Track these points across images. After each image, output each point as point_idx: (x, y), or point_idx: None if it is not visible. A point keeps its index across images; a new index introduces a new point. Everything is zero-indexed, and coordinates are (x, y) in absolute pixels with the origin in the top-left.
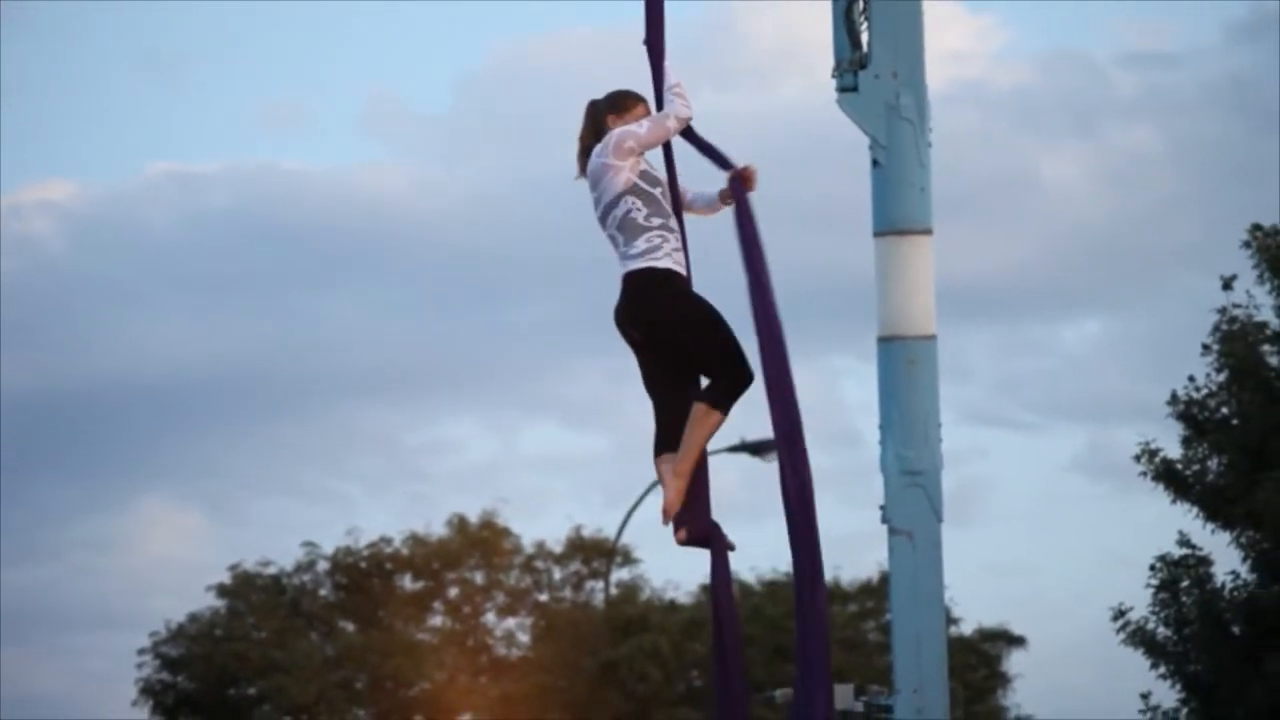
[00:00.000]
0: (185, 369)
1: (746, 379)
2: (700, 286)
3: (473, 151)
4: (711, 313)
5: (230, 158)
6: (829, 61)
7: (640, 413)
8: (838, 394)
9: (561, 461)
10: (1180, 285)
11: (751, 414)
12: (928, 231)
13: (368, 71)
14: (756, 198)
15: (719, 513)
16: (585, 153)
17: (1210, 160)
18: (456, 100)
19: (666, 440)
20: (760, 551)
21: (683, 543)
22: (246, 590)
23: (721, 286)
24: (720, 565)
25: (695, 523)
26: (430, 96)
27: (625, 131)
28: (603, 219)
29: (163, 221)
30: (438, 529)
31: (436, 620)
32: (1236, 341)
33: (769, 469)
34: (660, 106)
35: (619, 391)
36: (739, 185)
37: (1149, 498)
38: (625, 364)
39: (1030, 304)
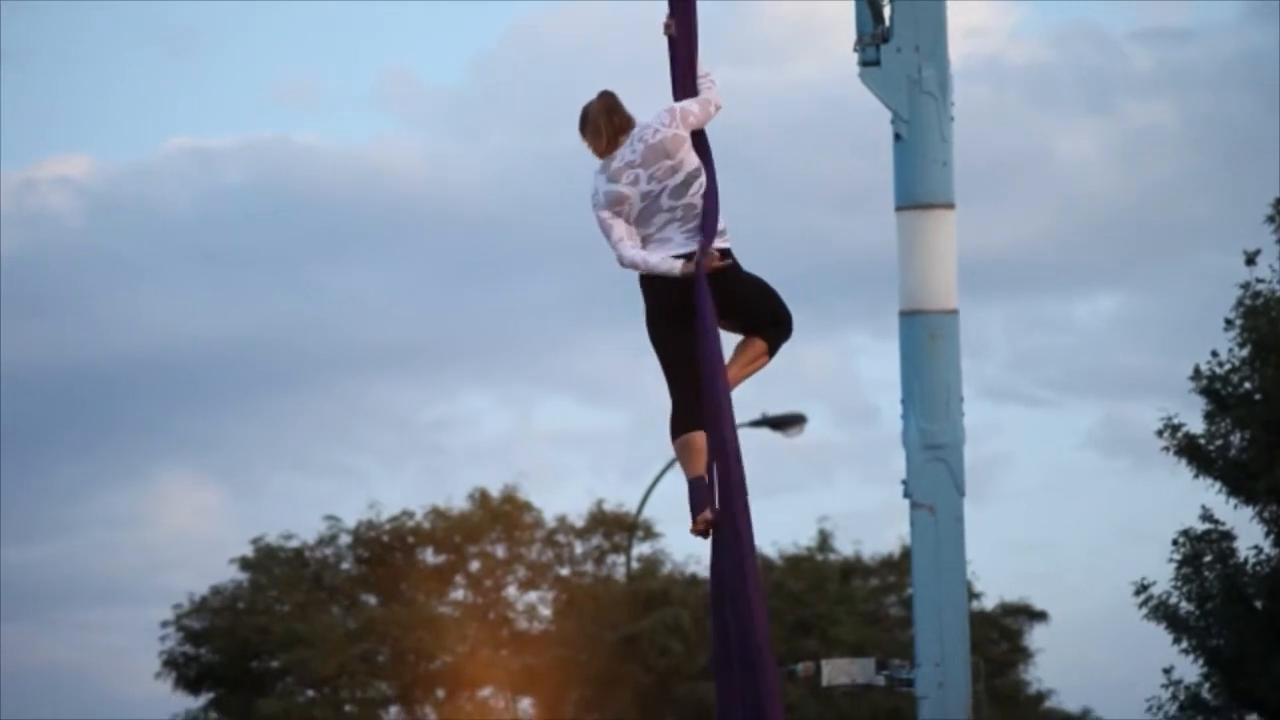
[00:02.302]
0: (201, 344)
1: (792, 331)
2: None
3: (487, 126)
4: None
5: (246, 132)
6: (848, 36)
7: (657, 387)
8: (854, 370)
9: (578, 436)
10: (1195, 261)
11: (772, 389)
12: (950, 206)
13: (382, 46)
14: (772, 173)
15: None
16: (620, 132)
17: (1226, 136)
18: (471, 75)
19: (686, 421)
20: (781, 526)
21: (704, 528)
22: (269, 563)
23: None
24: (730, 541)
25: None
26: (445, 71)
27: (684, 108)
28: (680, 189)
29: (179, 196)
30: (459, 503)
31: (458, 594)
32: (1260, 316)
33: (789, 444)
34: (676, 89)
35: (635, 366)
36: (700, 264)
37: (1166, 473)
38: (641, 339)
39: (1046, 280)
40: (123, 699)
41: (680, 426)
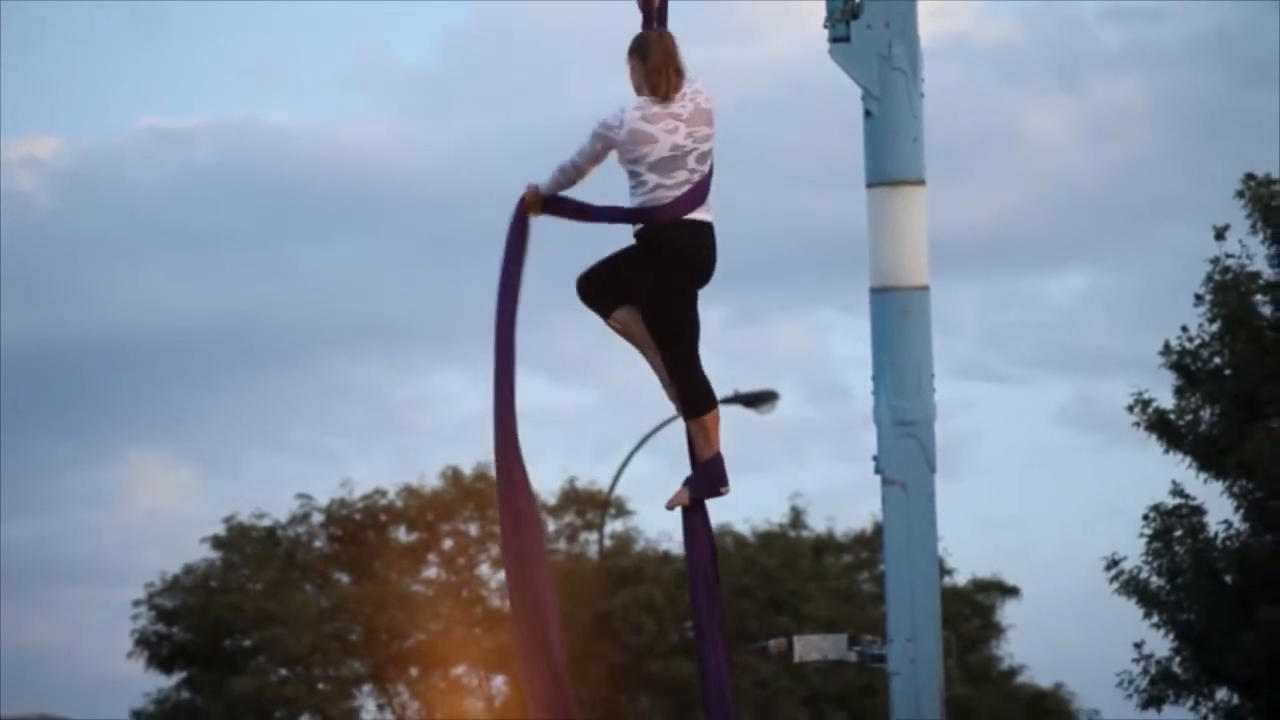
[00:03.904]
0: (173, 323)
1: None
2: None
3: (459, 105)
4: None
5: (215, 112)
6: (818, 13)
7: (629, 366)
8: (826, 347)
9: (550, 415)
10: (1164, 238)
11: (743, 366)
12: (920, 182)
13: (353, 25)
14: (746, 148)
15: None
16: (678, 85)
17: (1194, 113)
18: (441, 53)
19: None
20: (754, 504)
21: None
22: (241, 542)
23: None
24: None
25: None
26: (416, 50)
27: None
28: (705, 157)
29: (148, 177)
30: (432, 481)
31: (431, 572)
32: (1229, 292)
33: (762, 420)
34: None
35: (607, 345)
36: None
37: (1137, 449)
38: None
39: (1015, 258)
40: (95, 678)
41: (712, 398)
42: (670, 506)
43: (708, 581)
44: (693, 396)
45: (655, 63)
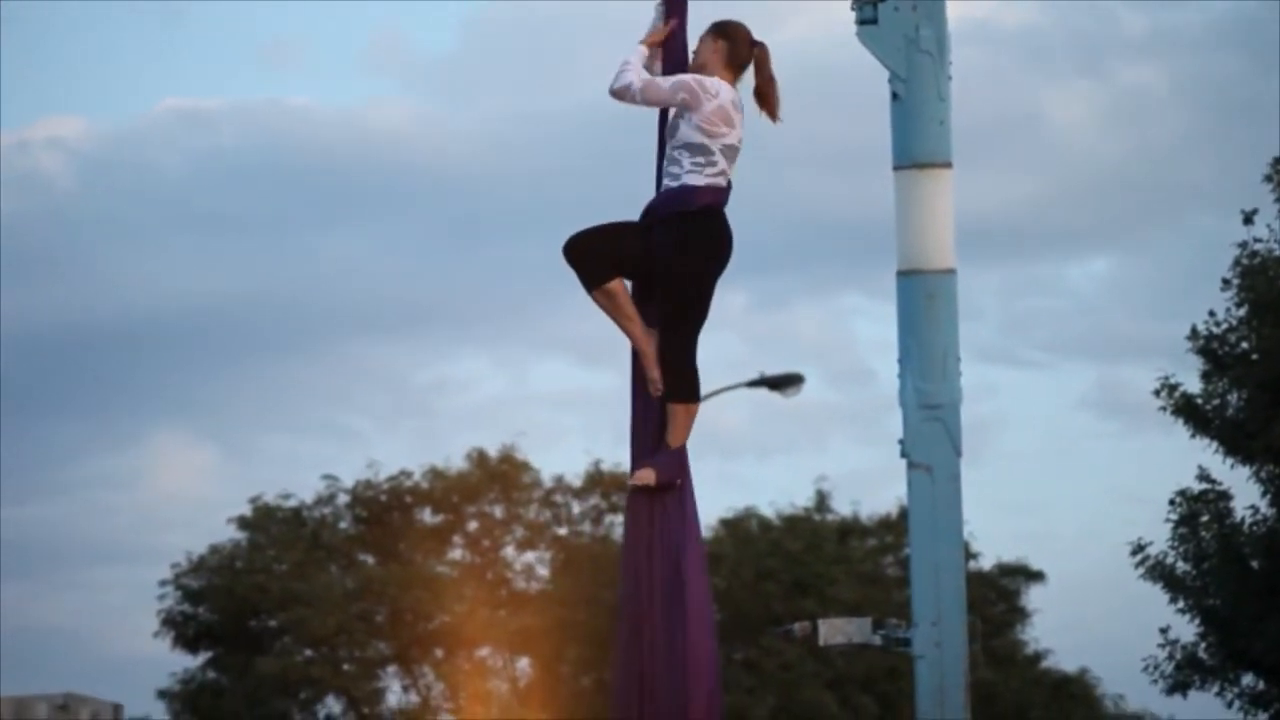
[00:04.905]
0: (194, 306)
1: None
2: None
3: (479, 88)
4: None
5: (238, 94)
6: None
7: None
8: (851, 331)
9: (574, 397)
10: (1187, 223)
11: (768, 350)
12: (948, 165)
13: (374, 8)
14: (768, 133)
15: (736, 447)
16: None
17: (1217, 98)
18: (463, 36)
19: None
20: (779, 487)
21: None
22: (267, 523)
23: None
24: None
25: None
26: (436, 33)
27: None
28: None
29: (171, 158)
30: (457, 463)
31: (456, 553)
32: (1258, 276)
33: (787, 404)
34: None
35: None
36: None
37: (1160, 434)
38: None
39: (1038, 243)
40: (121, 658)
41: (698, 389)
42: (638, 484)
43: (677, 564)
44: (685, 380)
45: (769, 73)
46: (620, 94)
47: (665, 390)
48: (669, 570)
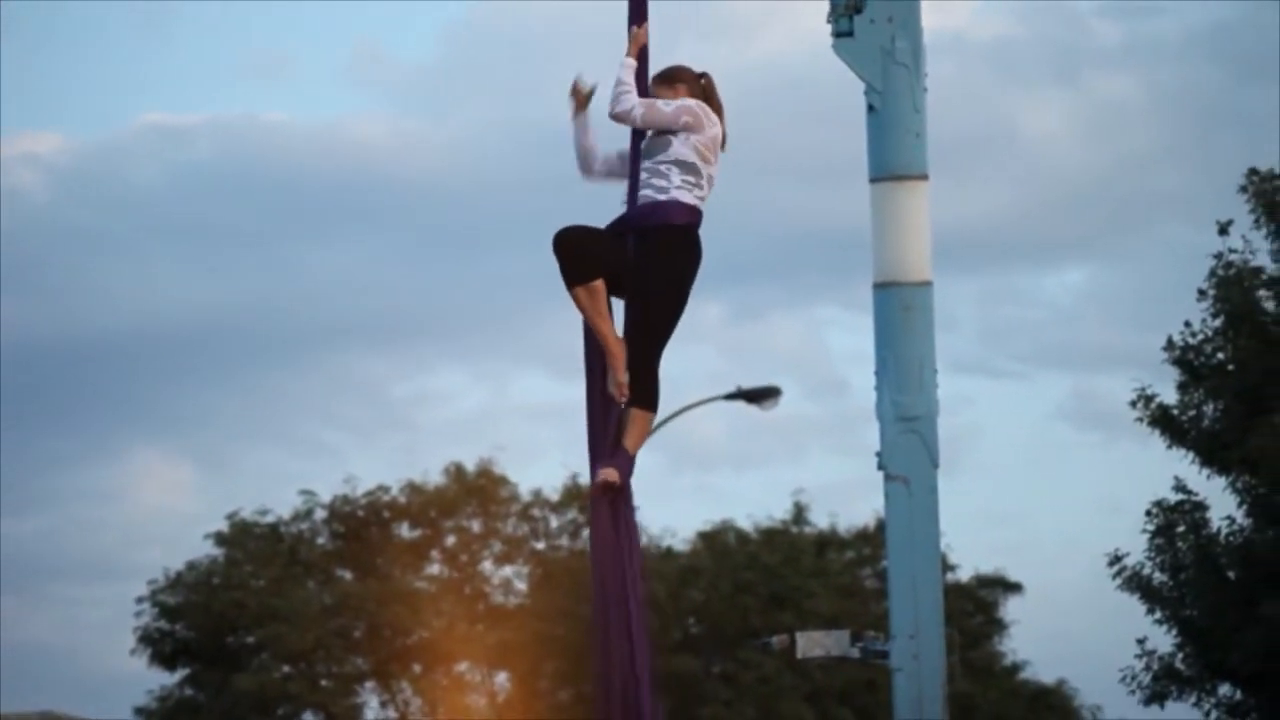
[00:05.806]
0: (173, 320)
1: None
2: None
3: (459, 101)
4: None
5: (215, 109)
6: (816, 9)
7: None
8: (826, 343)
9: (552, 410)
10: (1162, 233)
11: (743, 362)
12: (924, 177)
13: (353, 21)
14: (745, 145)
15: (713, 460)
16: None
17: (1192, 109)
18: (440, 49)
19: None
20: (756, 500)
21: (607, 487)
22: (244, 539)
23: None
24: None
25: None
26: (416, 46)
27: None
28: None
29: (149, 173)
30: (434, 477)
31: (434, 568)
32: (1233, 287)
33: (764, 416)
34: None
35: None
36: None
37: (1137, 445)
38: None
39: (1013, 254)
40: (98, 675)
41: (657, 400)
42: (607, 481)
43: (635, 571)
44: (651, 388)
45: (718, 101)
46: (620, 117)
47: (631, 396)
48: (637, 571)
